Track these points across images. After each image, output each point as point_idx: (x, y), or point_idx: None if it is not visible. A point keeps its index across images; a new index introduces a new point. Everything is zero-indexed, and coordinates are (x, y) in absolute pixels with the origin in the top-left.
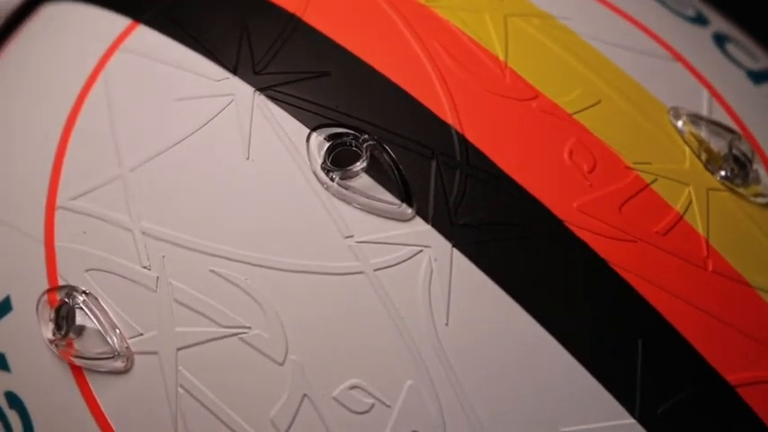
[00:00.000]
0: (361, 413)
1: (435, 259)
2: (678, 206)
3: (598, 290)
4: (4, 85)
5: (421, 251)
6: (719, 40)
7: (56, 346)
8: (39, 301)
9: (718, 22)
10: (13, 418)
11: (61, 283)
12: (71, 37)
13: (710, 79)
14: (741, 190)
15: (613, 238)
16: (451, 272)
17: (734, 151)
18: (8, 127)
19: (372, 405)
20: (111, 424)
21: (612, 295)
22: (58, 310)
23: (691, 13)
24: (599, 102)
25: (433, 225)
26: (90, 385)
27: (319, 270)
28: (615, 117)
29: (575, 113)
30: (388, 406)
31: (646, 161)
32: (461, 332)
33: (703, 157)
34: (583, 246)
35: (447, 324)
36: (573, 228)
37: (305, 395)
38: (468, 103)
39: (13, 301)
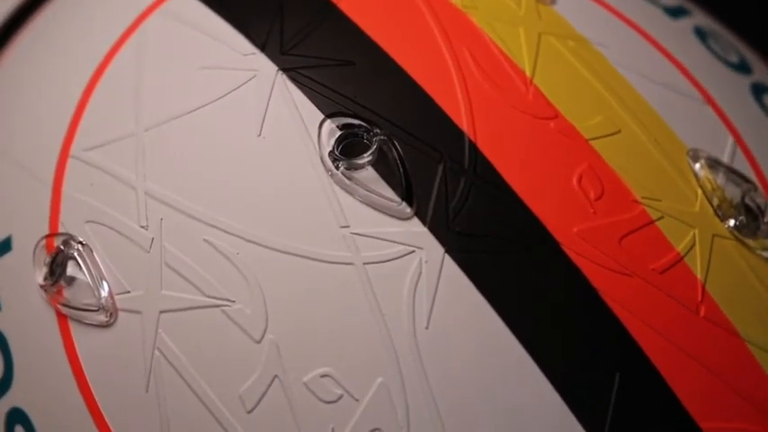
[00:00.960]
0: (328, 402)
1: (426, 262)
2: (680, 247)
3: (584, 317)
4: (45, 30)
5: (413, 252)
6: (758, 90)
7: (46, 291)
8: (37, 244)
9: (763, 73)
10: None
11: (61, 230)
12: None
13: (738, 127)
14: (749, 241)
15: (608, 269)
16: (440, 277)
17: (747, 201)
18: (39, 71)
19: (341, 396)
20: (86, 373)
21: (597, 325)
22: (54, 257)
23: (734, 59)
24: (618, 131)
25: (430, 228)
26: (72, 334)
27: (309, 255)
28: (632, 149)
29: (591, 139)
30: (356, 399)
31: (655, 197)
32: (440, 338)
33: (715, 202)
34: (576, 271)
35: (427, 328)
36: (569, 252)
37: (276, 376)
38: (486, 113)
39: (14, 242)
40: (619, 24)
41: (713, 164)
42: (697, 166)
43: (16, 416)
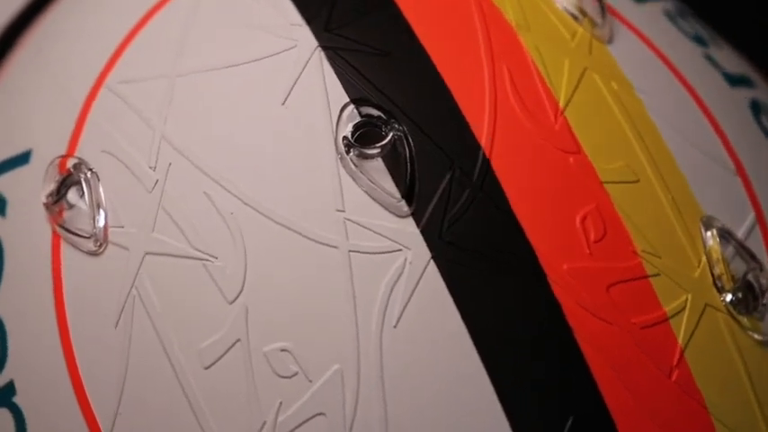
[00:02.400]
0: (282, 377)
1: (410, 263)
2: (669, 308)
3: (552, 353)
4: None
5: (400, 250)
6: None
7: (47, 209)
8: (51, 162)
9: None
10: None
11: (77, 154)
12: None
13: (765, 205)
14: (742, 319)
15: (589, 312)
16: (419, 281)
17: (750, 278)
18: (95, 2)
19: (295, 373)
20: (64, 293)
21: (564, 365)
22: (63, 178)
23: None
24: (636, 181)
25: (422, 231)
26: (61, 254)
27: (300, 230)
28: (645, 201)
29: (606, 182)
30: (310, 381)
31: (656, 253)
32: (405, 340)
33: (716, 272)
34: (556, 307)
35: (395, 327)
36: (554, 286)
37: (239, 340)
38: (507, 133)
39: (33, 156)
40: (670, 79)
41: (725, 235)
42: (708, 233)
43: None
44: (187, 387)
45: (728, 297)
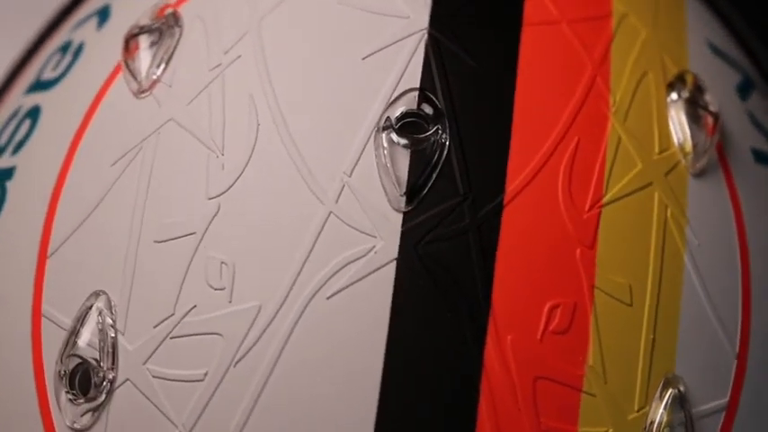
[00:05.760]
0: (208, 285)
1: (375, 252)
2: (582, 429)
3: (449, 407)
4: None
5: (374, 237)
6: None
7: (126, 42)
8: (157, 3)
9: None
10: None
11: (180, 9)
12: None
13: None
14: None
15: (506, 389)
16: (373, 273)
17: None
18: None
19: (221, 288)
20: (91, 121)
21: (451, 421)
22: (155, 22)
23: None
24: (629, 305)
25: (403, 232)
26: (111, 85)
27: (303, 168)
28: (624, 327)
29: (599, 289)
30: (229, 302)
31: (604, 378)
32: (328, 315)
33: (648, 423)
34: (478, 366)
35: (327, 299)
36: (488, 348)
37: (194, 233)
38: (537, 195)
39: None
40: (731, 243)
41: (679, 402)
42: (665, 391)
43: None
44: (131, 248)
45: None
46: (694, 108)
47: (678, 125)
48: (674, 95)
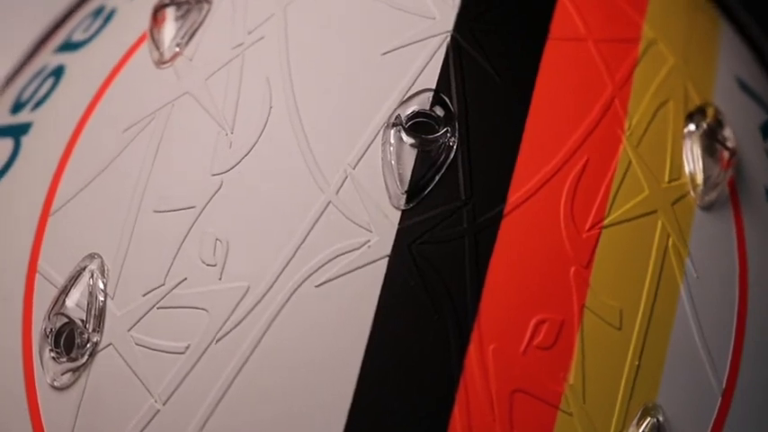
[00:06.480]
0: (200, 260)
1: (369, 247)
2: None
3: (423, 408)
4: None
5: (370, 231)
6: None
7: (156, 10)
8: None
9: None
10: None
11: None
12: None
13: None
14: None
15: (484, 395)
16: (364, 266)
17: None
18: None
19: (212, 265)
20: (110, 86)
21: (422, 421)
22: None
23: None
24: (617, 329)
25: (399, 231)
26: (134, 53)
27: (309, 155)
28: (610, 351)
29: (589, 309)
30: (219, 279)
31: (583, 397)
32: (314, 303)
33: None
34: (457, 370)
35: (316, 287)
36: (469, 356)
37: (194, 206)
38: (537, 210)
39: None
40: (731, 281)
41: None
42: (642, 419)
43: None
44: (130, 215)
45: None
46: (711, 141)
47: (692, 156)
48: (692, 126)
